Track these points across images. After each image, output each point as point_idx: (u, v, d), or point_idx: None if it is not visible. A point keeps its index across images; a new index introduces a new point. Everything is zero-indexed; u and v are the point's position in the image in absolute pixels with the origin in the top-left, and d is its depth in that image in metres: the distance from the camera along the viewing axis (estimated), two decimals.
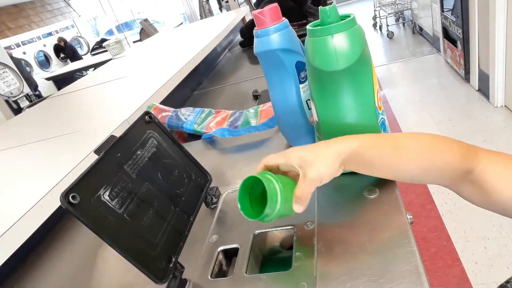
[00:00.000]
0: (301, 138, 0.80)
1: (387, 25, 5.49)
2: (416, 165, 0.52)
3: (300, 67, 0.72)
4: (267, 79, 0.76)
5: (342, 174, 0.66)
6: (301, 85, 0.73)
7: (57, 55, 7.58)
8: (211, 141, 1.01)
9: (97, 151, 0.51)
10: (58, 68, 7.01)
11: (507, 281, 0.52)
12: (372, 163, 0.53)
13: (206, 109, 1.12)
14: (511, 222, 1.74)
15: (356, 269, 0.47)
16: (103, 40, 7.61)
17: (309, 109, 0.76)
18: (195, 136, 1.09)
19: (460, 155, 0.50)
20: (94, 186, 0.48)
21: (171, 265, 0.52)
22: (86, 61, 5.58)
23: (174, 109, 1.11)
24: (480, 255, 1.68)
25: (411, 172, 0.53)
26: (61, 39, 7.59)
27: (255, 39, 0.71)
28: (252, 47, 0.73)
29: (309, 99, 0.75)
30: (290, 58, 0.71)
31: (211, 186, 0.70)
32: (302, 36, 0.69)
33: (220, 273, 0.58)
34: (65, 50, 7.54)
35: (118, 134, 0.55)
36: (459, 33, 3.07)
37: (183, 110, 1.11)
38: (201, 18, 4.71)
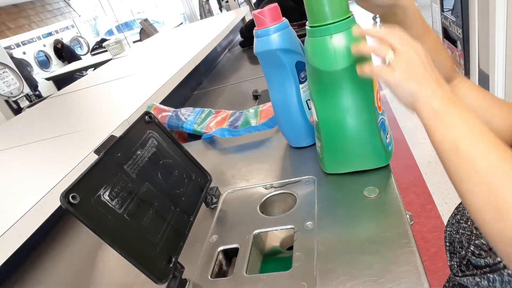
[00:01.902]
0: (301, 138, 0.80)
1: None
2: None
3: (300, 67, 0.72)
4: (267, 79, 0.76)
5: (342, 174, 0.67)
6: (301, 85, 0.73)
7: (57, 56, 7.57)
8: (211, 141, 1.01)
9: (97, 151, 0.51)
10: (58, 68, 7.01)
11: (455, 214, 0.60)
12: None
13: (206, 109, 1.12)
14: None
15: (356, 269, 0.47)
16: (103, 40, 7.60)
17: (309, 109, 0.76)
18: (195, 136, 1.09)
19: (452, 62, 0.63)
20: (94, 186, 0.48)
21: (171, 265, 0.52)
22: (86, 61, 5.57)
23: (174, 109, 1.11)
24: None
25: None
26: (58, 42, 7.55)
27: (255, 39, 0.71)
28: (252, 47, 0.73)
29: (309, 99, 0.75)
30: (290, 58, 0.71)
31: (211, 186, 0.70)
32: (302, 36, 0.69)
33: (220, 273, 0.58)
34: (63, 52, 7.53)
35: (118, 134, 0.55)
36: (459, 33, 3.07)
37: (183, 110, 1.11)
38: (201, 18, 4.71)
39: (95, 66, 4.41)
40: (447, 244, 0.62)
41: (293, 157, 0.81)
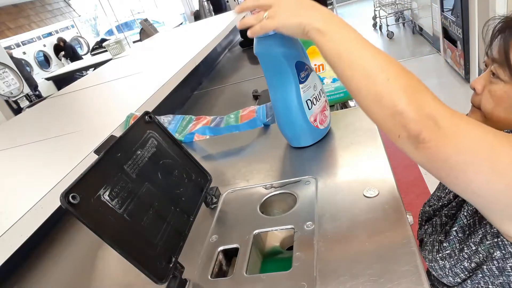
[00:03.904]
0: (300, 138, 0.80)
1: (387, 25, 5.49)
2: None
3: (300, 67, 0.72)
4: (267, 79, 0.76)
5: (342, 173, 0.67)
6: (301, 85, 0.73)
7: (57, 55, 7.59)
8: (211, 141, 1.01)
9: (97, 151, 0.51)
10: (58, 68, 7.01)
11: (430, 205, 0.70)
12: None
13: (187, 116, 1.13)
14: None
15: (356, 269, 0.47)
16: (103, 40, 7.61)
17: (309, 109, 0.76)
18: None
19: None
20: (94, 186, 0.48)
21: (171, 265, 0.52)
22: (86, 61, 5.58)
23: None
24: None
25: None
26: (60, 40, 7.60)
27: (255, 39, 0.71)
28: (252, 47, 0.73)
29: (309, 99, 0.75)
30: (290, 58, 0.71)
31: (211, 186, 0.70)
32: None
33: (220, 273, 0.58)
34: (65, 50, 7.55)
35: (118, 134, 0.55)
36: (459, 33, 3.07)
37: (163, 117, 1.11)
38: (201, 18, 4.71)
39: (95, 66, 4.41)
40: (419, 219, 0.74)
41: (293, 157, 0.81)
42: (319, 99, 0.78)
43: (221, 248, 0.60)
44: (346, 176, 0.67)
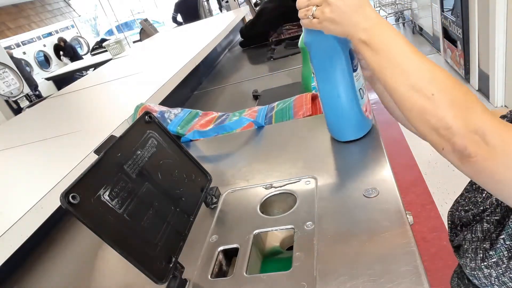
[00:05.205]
0: (350, 130, 0.76)
1: None
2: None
3: (352, 54, 0.69)
4: (315, 68, 0.72)
5: (342, 173, 0.67)
6: (354, 73, 0.71)
7: (57, 55, 7.59)
8: (211, 141, 1.01)
9: (97, 151, 0.51)
10: (58, 68, 7.01)
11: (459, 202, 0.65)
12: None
13: (194, 110, 1.13)
14: None
15: (356, 269, 0.47)
16: (103, 40, 7.61)
17: (361, 98, 0.73)
18: None
19: None
20: (94, 186, 0.48)
21: (171, 265, 0.52)
22: (86, 61, 5.58)
23: (161, 110, 1.11)
24: None
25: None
26: (61, 39, 7.61)
27: (305, 29, 0.68)
28: (252, 47, 0.72)
29: (361, 88, 0.73)
30: (344, 45, 0.68)
31: (211, 186, 0.70)
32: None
33: (220, 273, 0.58)
34: (65, 50, 7.56)
35: (118, 134, 0.55)
36: (459, 33, 3.07)
37: (171, 109, 1.11)
38: (201, 18, 4.71)
39: (95, 66, 4.41)
40: (449, 222, 0.68)
41: (293, 157, 0.81)
42: (366, 90, 0.76)
43: (221, 248, 0.60)
44: (346, 176, 0.67)
